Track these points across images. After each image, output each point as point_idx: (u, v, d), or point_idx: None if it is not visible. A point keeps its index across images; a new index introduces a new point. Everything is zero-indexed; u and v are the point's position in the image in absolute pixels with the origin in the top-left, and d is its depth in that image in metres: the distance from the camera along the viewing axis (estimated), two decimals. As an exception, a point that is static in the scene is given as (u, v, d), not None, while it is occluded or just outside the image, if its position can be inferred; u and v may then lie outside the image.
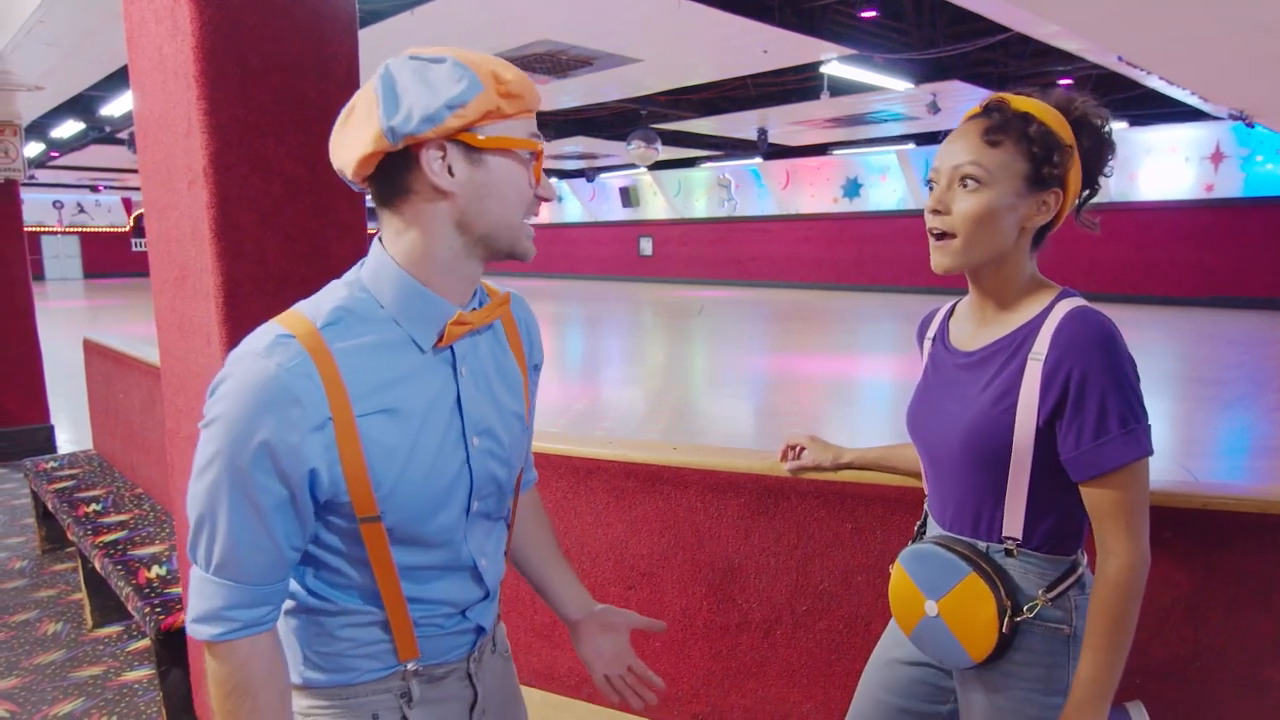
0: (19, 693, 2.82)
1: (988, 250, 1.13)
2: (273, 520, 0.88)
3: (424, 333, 0.93)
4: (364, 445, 0.88)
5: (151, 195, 2.07)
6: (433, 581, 0.99)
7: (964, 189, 1.11)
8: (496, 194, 0.92)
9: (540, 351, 1.15)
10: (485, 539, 1.04)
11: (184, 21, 1.71)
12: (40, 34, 3.61)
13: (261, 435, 0.84)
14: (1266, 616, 1.42)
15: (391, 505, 0.91)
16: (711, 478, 1.78)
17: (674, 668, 1.88)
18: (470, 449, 0.97)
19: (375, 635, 0.98)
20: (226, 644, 0.90)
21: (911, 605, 1.23)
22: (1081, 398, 1.05)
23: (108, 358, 4.17)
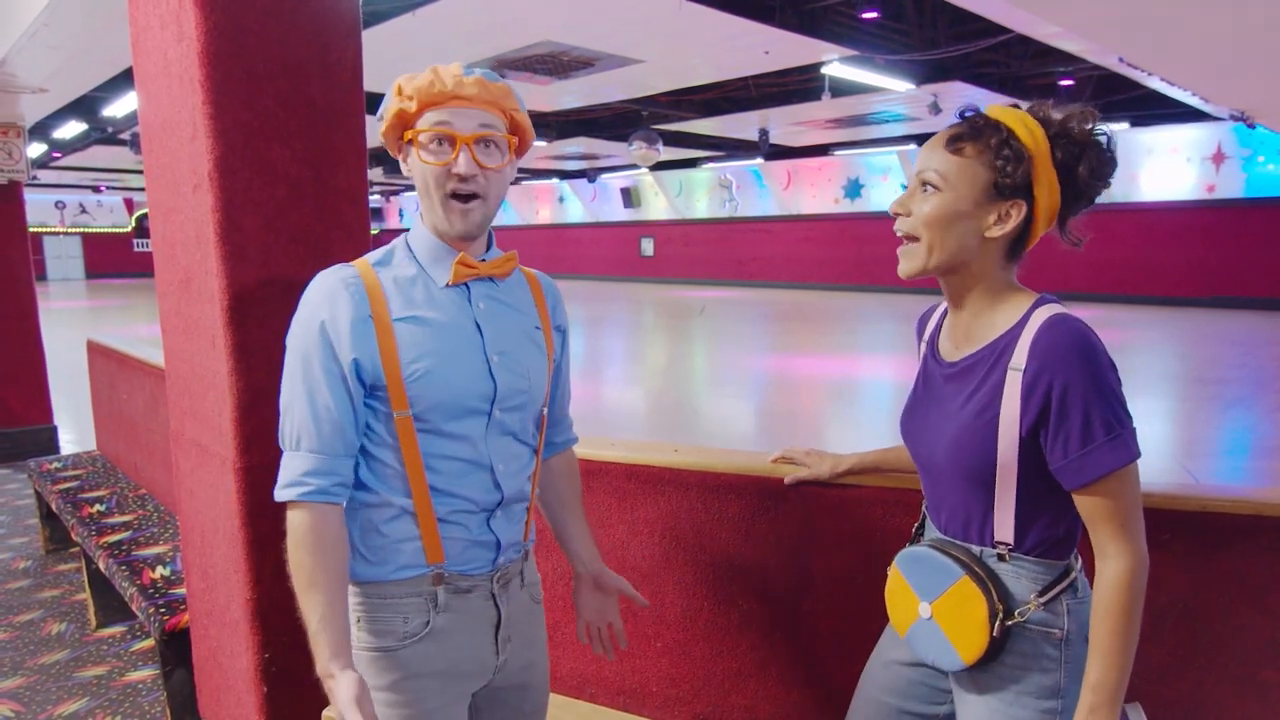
0: (24, 692, 2.83)
1: (948, 256, 1.14)
2: (333, 395, 1.13)
3: (439, 272, 1.20)
4: (399, 342, 1.14)
5: (156, 198, 2.09)
6: (453, 475, 1.18)
7: (923, 193, 1.14)
8: (416, 178, 1.18)
9: (563, 316, 1.38)
10: (506, 451, 1.23)
11: (189, 27, 1.72)
12: (44, 37, 3.62)
13: (320, 317, 1.14)
14: (1264, 617, 1.43)
15: (418, 392, 1.14)
16: (713, 479, 1.79)
17: (676, 668, 1.89)
18: (491, 363, 1.20)
19: (408, 530, 1.18)
20: (304, 504, 1.13)
21: (907, 607, 1.24)
22: (1064, 407, 1.05)
23: (111, 359, 4.19)
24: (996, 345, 1.14)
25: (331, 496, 1.14)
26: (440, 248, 1.20)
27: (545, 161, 22.45)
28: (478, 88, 1.15)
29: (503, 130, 1.19)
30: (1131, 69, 7.63)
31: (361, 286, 1.15)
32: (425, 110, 1.15)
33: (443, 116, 1.14)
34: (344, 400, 1.14)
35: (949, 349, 1.24)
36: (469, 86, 1.14)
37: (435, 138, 1.15)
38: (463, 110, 1.14)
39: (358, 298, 1.14)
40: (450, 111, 1.14)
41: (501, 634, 1.26)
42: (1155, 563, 1.47)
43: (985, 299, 1.17)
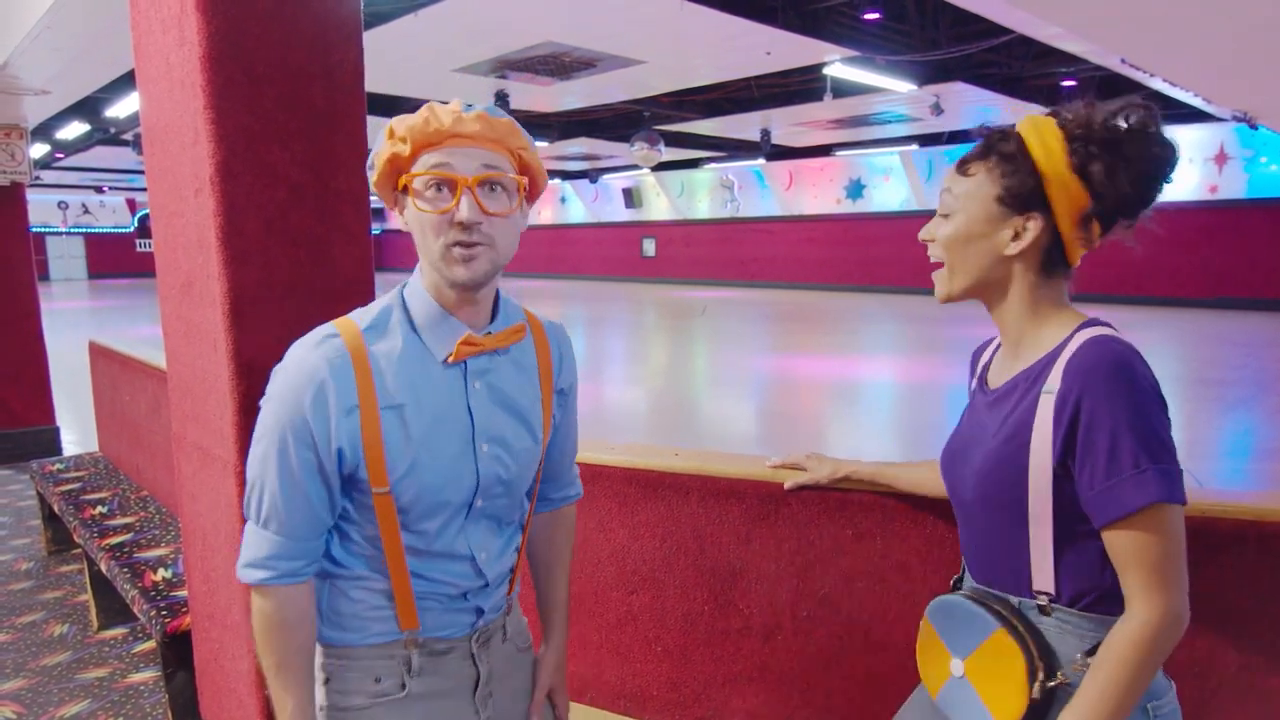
0: (26, 694, 2.84)
1: (972, 278, 1.10)
2: (309, 484, 1.04)
3: (439, 347, 1.08)
4: (384, 431, 1.04)
5: (158, 202, 2.09)
6: (434, 563, 1.11)
7: (942, 218, 1.12)
8: (415, 228, 1.06)
9: (569, 377, 1.26)
10: (489, 537, 1.15)
11: (191, 31, 1.72)
12: (47, 39, 3.63)
13: (303, 412, 1.02)
14: (1264, 624, 1.43)
15: (403, 487, 1.06)
16: (713, 484, 1.79)
17: (676, 672, 1.89)
18: (478, 453, 1.10)
19: (380, 601, 1.11)
20: (269, 587, 1.06)
21: (938, 664, 1.13)
22: (1091, 433, 0.95)
23: (114, 361, 4.19)
24: (1034, 369, 1.06)
25: (300, 578, 1.08)
26: (440, 316, 1.08)
27: (547, 162, 22.28)
28: (479, 124, 1.02)
29: (510, 171, 1.06)
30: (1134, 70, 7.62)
31: (349, 369, 1.03)
32: (421, 152, 1.03)
33: (440, 158, 1.02)
34: (320, 490, 1.05)
35: (996, 377, 1.17)
36: (469, 123, 1.02)
37: (433, 182, 1.02)
38: (463, 150, 1.02)
39: (345, 385, 1.03)
40: (449, 152, 1.02)
41: (480, 693, 1.18)
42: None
43: (1027, 321, 1.09)
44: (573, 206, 28.91)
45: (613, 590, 1.93)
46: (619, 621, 1.93)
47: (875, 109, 13.24)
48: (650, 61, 9.38)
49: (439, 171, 1.02)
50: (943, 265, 1.12)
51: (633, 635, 1.91)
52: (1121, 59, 7.23)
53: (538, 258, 29.38)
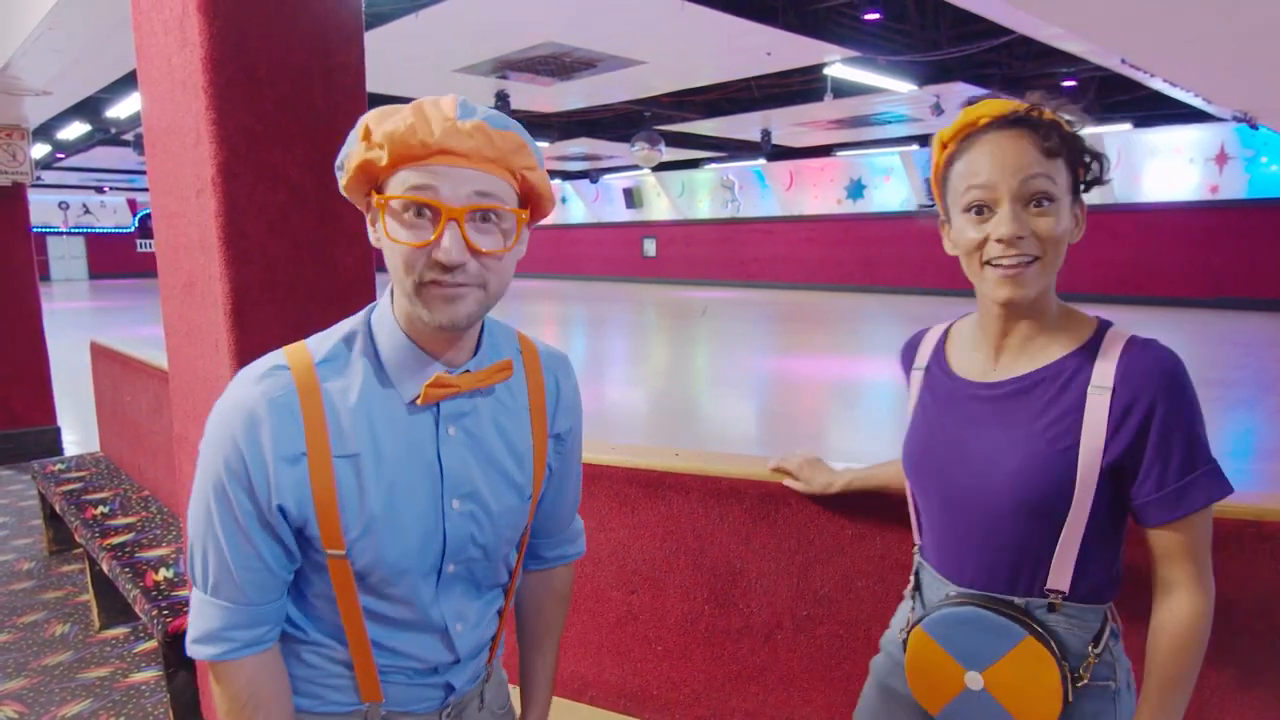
0: (28, 693, 2.84)
1: (1055, 273, 1.02)
2: (257, 539, 0.89)
3: (406, 385, 0.91)
4: (337, 484, 0.88)
5: (160, 203, 2.10)
6: (399, 633, 0.96)
7: (1038, 207, 0.99)
8: (388, 252, 0.87)
9: (569, 419, 1.07)
10: (465, 604, 1.00)
11: (193, 33, 1.73)
12: (49, 41, 3.64)
13: (238, 454, 0.86)
14: (1265, 623, 1.43)
15: (359, 549, 0.90)
16: (713, 484, 1.80)
17: (676, 672, 1.89)
18: (447, 512, 0.93)
19: (339, 670, 0.97)
20: (227, 663, 0.91)
21: (944, 680, 1.07)
22: (1168, 435, 0.96)
23: (115, 361, 4.20)
24: (1064, 365, 1.02)
25: (263, 645, 0.93)
26: (410, 351, 0.91)
27: (548, 162, 22.42)
28: (477, 138, 0.83)
29: (510, 200, 0.87)
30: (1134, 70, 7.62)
31: (296, 411, 0.87)
32: (400, 166, 0.84)
33: (423, 179, 0.82)
34: (270, 545, 0.90)
35: (979, 368, 1.10)
36: (464, 137, 0.82)
37: (411, 207, 0.83)
38: (454, 170, 0.83)
39: (288, 429, 0.86)
40: (434, 172, 0.82)
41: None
42: (1155, 568, 1.48)
43: (1046, 314, 1.05)
44: (573, 207, 28.92)
45: (613, 590, 1.94)
46: (619, 621, 1.94)
47: (876, 109, 13.25)
48: (651, 62, 9.39)
49: (419, 196, 0.83)
50: (1037, 258, 1.00)
51: (633, 634, 1.92)
52: (1122, 59, 7.23)
53: (538, 258, 29.39)
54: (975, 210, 1.01)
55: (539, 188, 0.91)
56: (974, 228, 1.01)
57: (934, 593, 1.12)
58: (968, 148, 1.02)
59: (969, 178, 1.01)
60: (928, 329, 1.23)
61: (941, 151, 1.06)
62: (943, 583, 1.11)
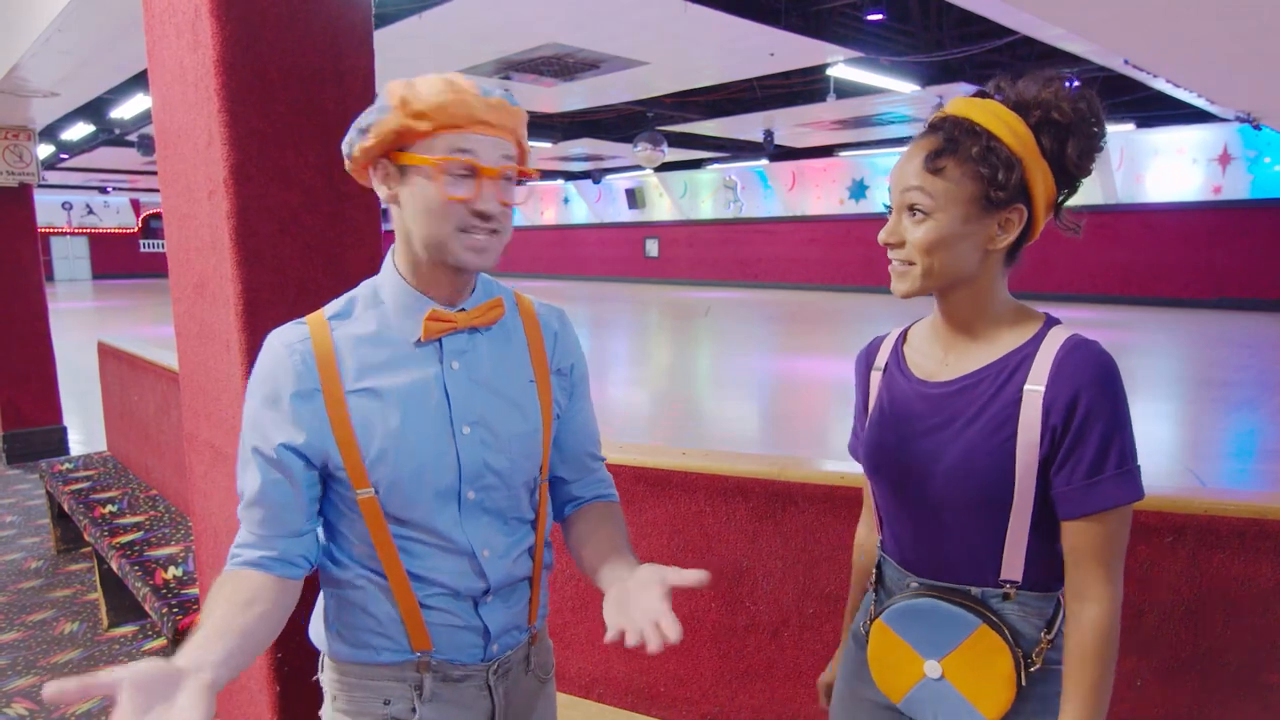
0: (38, 691, 2.86)
1: (948, 276, 1.06)
2: (272, 476, 1.00)
3: (409, 326, 1.04)
4: (352, 418, 1.00)
5: (171, 204, 2.11)
6: (430, 560, 1.04)
7: (912, 218, 1.05)
8: (419, 207, 0.99)
9: (569, 356, 1.17)
10: (491, 533, 1.07)
11: (205, 36, 1.75)
12: (57, 43, 3.66)
13: (264, 390, 1.00)
14: (1267, 620, 1.45)
15: (381, 477, 1.00)
16: (720, 482, 1.81)
17: (683, 669, 1.91)
18: (459, 436, 1.03)
19: (390, 614, 1.05)
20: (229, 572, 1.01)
21: (903, 669, 1.11)
22: (1083, 431, 0.98)
23: (122, 361, 4.22)
24: (1006, 362, 1.05)
25: (262, 567, 1.01)
26: (411, 295, 1.04)
27: (550, 163, 22.49)
28: (502, 113, 0.99)
29: (515, 160, 1.04)
30: (1137, 70, 7.63)
31: (310, 353, 1.00)
32: (441, 132, 0.97)
33: (465, 144, 0.97)
34: (282, 486, 1.00)
35: (933, 368, 1.13)
36: (495, 111, 0.98)
37: (458, 168, 0.97)
38: (486, 138, 0.98)
39: (302, 367, 0.99)
40: (472, 139, 0.97)
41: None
42: (1161, 566, 1.49)
43: (988, 313, 1.08)
44: (576, 207, 28.93)
45: (620, 588, 1.96)
46: (626, 619, 1.96)
47: (878, 110, 13.25)
48: (653, 62, 9.41)
49: (467, 158, 0.97)
50: (912, 264, 1.06)
51: (640, 632, 1.93)
52: (1125, 60, 7.23)
53: (541, 258, 29.41)
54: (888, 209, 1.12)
55: (526, 150, 1.07)
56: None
57: (895, 585, 1.15)
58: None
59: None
60: (886, 334, 1.28)
61: None
62: (903, 574, 1.14)
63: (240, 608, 0.96)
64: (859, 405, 1.27)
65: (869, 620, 1.17)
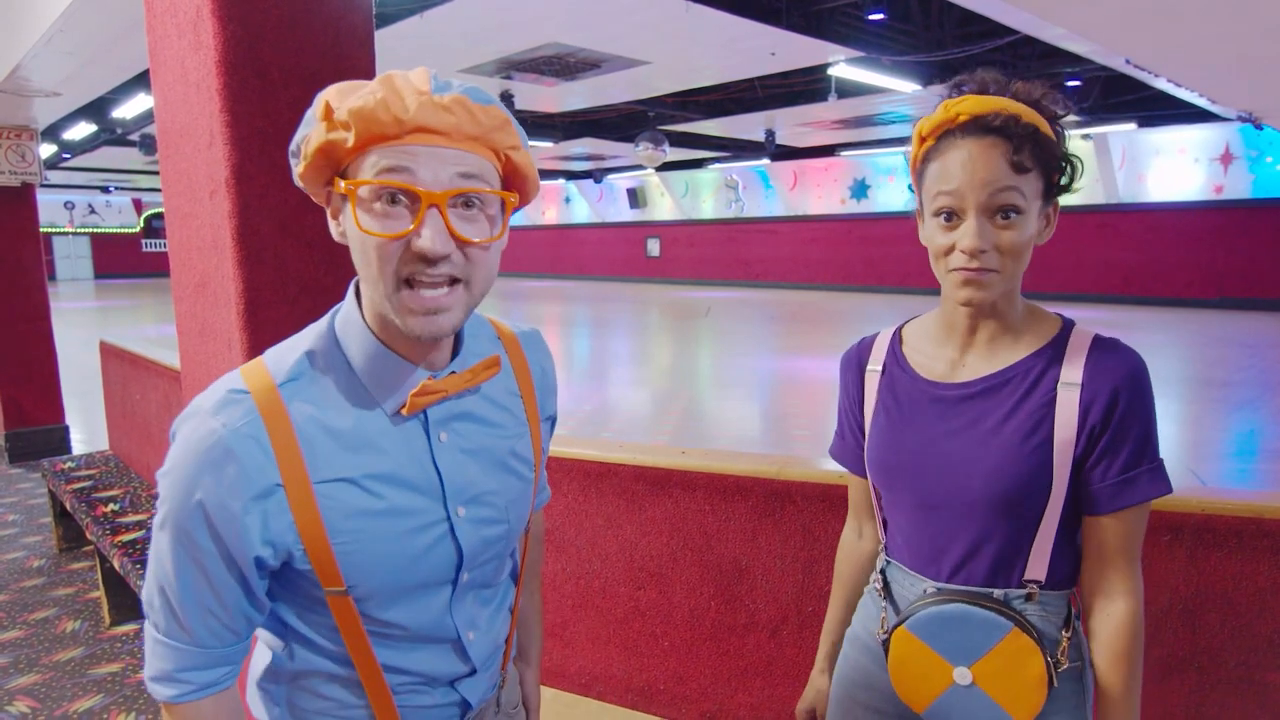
0: (40, 689, 2.87)
1: (1018, 278, 1.03)
2: (220, 585, 0.80)
3: (390, 399, 0.83)
4: (324, 515, 0.79)
5: (173, 204, 2.12)
6: (411, 652, 0.89)
7: (1002, 220, 0.99)
8: (356, 247, 0.78)
9: (554, 402, 1.03)
10: (478, 609, 0.94)
11: (207, 36, 1.75)
12: (60, 43, 3.67)
13: (199, 495, 0.77)
14: (1265, 619, 1.45)
15: (360, 579, 0.82)
16: (720, 481, 1.82)
17: (683, 667, 1.91)
18: (454, 520, 0.86)
19: (355, 704, 0.89)
20: (183, 705, 0.84)
21: (932, 677, 1.07)
22: (1122, 428, 0.99)
23: (125, 360, 4.23)
24: (1034, 361, 1.04)
25: (220, 686, 0.85)
26: (386, 360, 0.82)
27: (551, 162, 22.51)
28: (458, 114, 0.74)
29: (494, 182, 0.79)
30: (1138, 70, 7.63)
31: (265, 443, 0.77)
32: (369, 147, 0.74)
33: (398, 159, 0.74)
34: (235, 592, 0.81)
35: (943, 369, 1.11)
36: (443, 112, 0.73)
37: (385, 193, 0.74)
38: (432, 150, 0.74)
39: (255, 463, 0.77)
40: (409, 152, 0.74)
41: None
42: (1158, 564, 1.50)
43: (1011, 313, 1.07)
44: (577, 207, 28.94)
45: (621, 586, 1.96)
46: (626, 617, 1.96)
47: (880, 109, 13.25)
48: (655, 62, 9.41)
49: (393, 181, 0.74)
50: (997, 272, 1.00)
51: (640, 630, 1.94)
52: (1126, 60, 7.23)
53: (542, 258, 29.42)
54: (945, 216, 1.02)
55: (524, 169, 0.82)
56: (942, 234, 1.02)
57: (907, 590, 1.13)
58: (944, 149, 1.02)
59: (940, 182, 1.02)
60: (876, 334, 1.25)
61: (920, 145, 1.07)
62: (917, 580, 1.11)
63: None
64: (845, 407, 1.25)
65: (885, 629, 1.14)
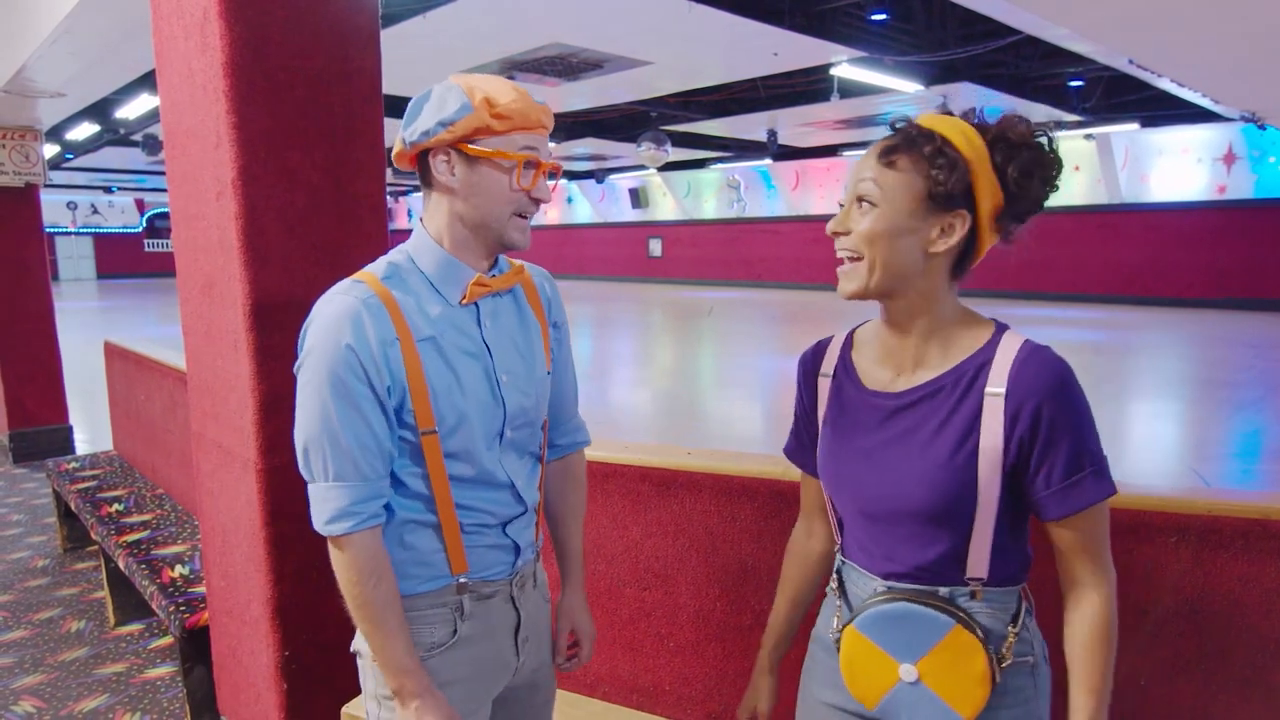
0: (45, 689, 2.88)
1: (891, 275, 1.06)
2: (371, 416, 1.10)
3: (452, 291, 1.18)
4: (423, 363, 1.12)
5: (179, 204, 2.13)
6: (477, 491, 1.19)
7: (860, 209, 1.07)
8: (484, 193, 1.15)
9: (559, 312, 1.36)
10: (519, 465, 1.25)
11: (213, 38, 1.76)
12: (65, 44, 3.68)
13: (348, 341, 1.08)
14: (1271, 620, 1.45)
15: (442, 420, 1.13)
16: (725, 482, 1.82)
17: (688, 667, 1.92)
18: (500, 384, 1.19)
19: (432, 544, 1.18)
20: (358, 534, 1.10)
21: (879, 674, 1.11)
22: (1053, 438, 1.01)
23: (129, 360, 4.24)
24: (964, 369, 1.07)
25: (379, 519, 1.13)
26: (452, 264, 1.18)
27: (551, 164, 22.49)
28: (548, 117, 1.18)
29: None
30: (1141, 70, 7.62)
31: (383, 307, 1.11)
32: (516, 132, 1.14)
33: (533, 142, 1.16)
34: (383, 423, 1.11)
35: (887, 378, 1.14)
36: (546, 115, 1.18)
37: (528, 162, 1.15)
38: (542, 139, 1.18)
39: (382, 319, 1.10)
40: (536, 139, 1.16)
41: (521, 635, 1.28)
42: (1163, 565, 1.49)
43: (937, 321, 1.09)
44: (579, 207, 28.95)
45: (626, 587, 1.96)
46: (632, 617, 1.96)
47: (882, 109, 13.23)
48: (657, 62, 9.41)
49: (534, 155, 1.15)
50: (859, 259, 1.07)
51: (645, 631, 1.94)
52: (1129, 59, 7.22)
53: (544, 258, 29.39)
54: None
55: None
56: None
57: (860, 589, 1.16)
58: None
59: None
60: (831, 337, 1.28)
61: None
62: (869, 578, 1.15)
63: (397, 594, 1.15)
64: (801, 409, 1.28)
65: (838, 627, 1.18)
